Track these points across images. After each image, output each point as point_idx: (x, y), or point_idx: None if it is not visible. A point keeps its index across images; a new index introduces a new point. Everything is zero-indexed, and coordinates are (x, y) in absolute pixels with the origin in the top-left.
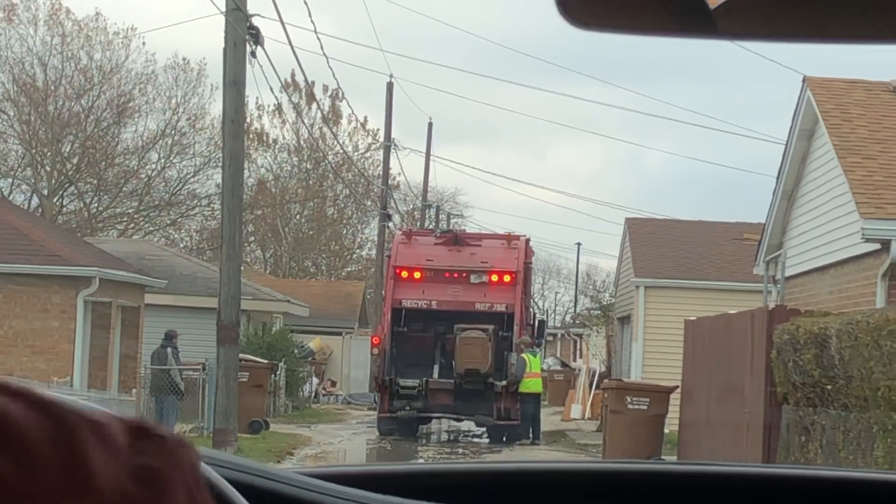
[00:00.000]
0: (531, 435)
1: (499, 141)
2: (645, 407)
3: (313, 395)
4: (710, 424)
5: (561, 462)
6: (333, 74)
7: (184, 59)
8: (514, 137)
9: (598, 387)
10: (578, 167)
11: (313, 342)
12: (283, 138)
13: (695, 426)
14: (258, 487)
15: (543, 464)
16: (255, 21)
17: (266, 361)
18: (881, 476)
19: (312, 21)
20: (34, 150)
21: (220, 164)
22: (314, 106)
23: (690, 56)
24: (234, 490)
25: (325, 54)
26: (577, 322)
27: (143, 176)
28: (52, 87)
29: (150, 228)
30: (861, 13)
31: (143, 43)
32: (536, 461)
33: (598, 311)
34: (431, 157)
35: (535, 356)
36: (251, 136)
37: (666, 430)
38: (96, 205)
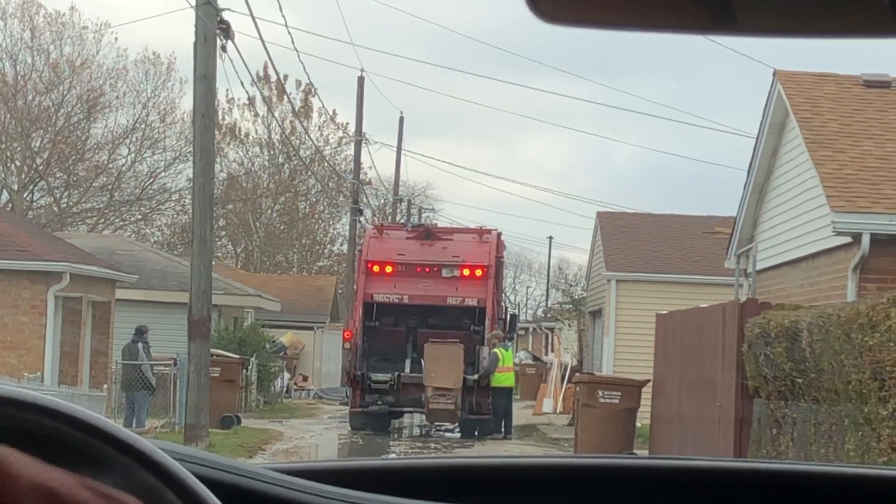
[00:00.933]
0: (503, 429)
1: (469, 135)
2: (616, 401)
3: (285, 390)
4: (682, 418)
5: (532, 457)
6: (304, 68)
7: (154, 53)
8: (484, 131)
9: (569, 381)
10: (548, 161)
11: (285, 337)
12: (255, 132)
13: (666, 420)
14: (227, 483)
15: (515, 459)
16: (226, 15)
17: (237, 356)
18: (853, 470)
19: (283, 15)
20: (3, 145)
21: (190, 158)
22: (285, 100)
23: (656, 49)
24: (202, 486)
25: (295, 48)
26: (549, 316)
27: (113, 171)
28: (22, 82)
29: (121, 223)
30: (880, 7)
31: (116, 38)
32: (508, 456)
33: (570, 305)
34: (402, 152)
35: (506, 350)
36: (223, 129)
37: (638, 424)
38: (66, 200)
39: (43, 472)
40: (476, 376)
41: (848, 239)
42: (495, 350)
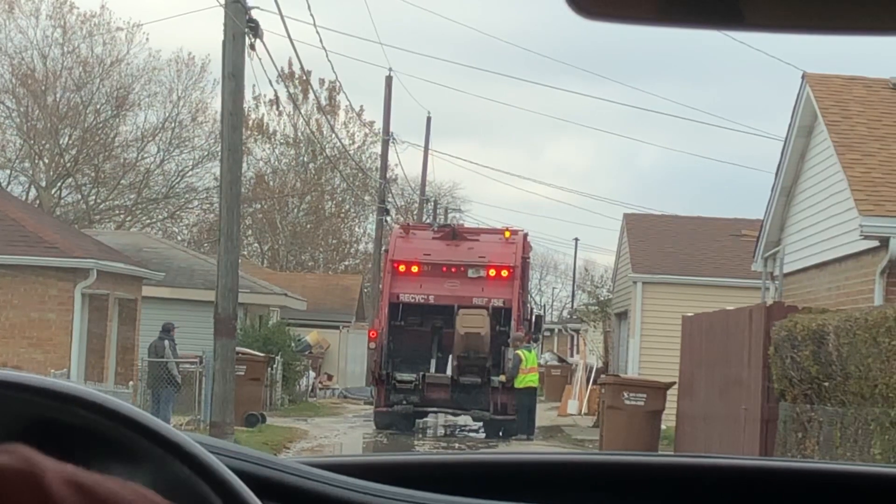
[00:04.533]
0: (527, 430)
1: (495, 136)
2: (642, 403)
3: (310, 388)
4: (707, 420)
5: (558, 454)
6: (332, 67)
7: (189, 53)
8: (511, 132)
9: (594, 382)
10: (574, 163)
11: (310, 336)
12: (282, 129)
13: (692, 422)
14: (259, 476)
15: (540, 455)
16: (255, 14)
17: (263, 355)
18: (879, 470)
19: (311, 14)
20: (32, 142)
21: (218, 157)
22: (312, 97)
23: (681, 52)
24: (236, 478)
25: (323, 47)
26: (575, 317)
27: (141, 168)
28: (52, 79)
29: (148, 221)
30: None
31: (147, 38)
32: (534, 453)
33: (596, 307)
34: (429, 152)
35: (530, 352)
36: (251, 125)
37: (663, 426)
38: (94, 197)
39: (67, 467)
40: (501, 377)
41: (875, 243)
42: (518, 352)
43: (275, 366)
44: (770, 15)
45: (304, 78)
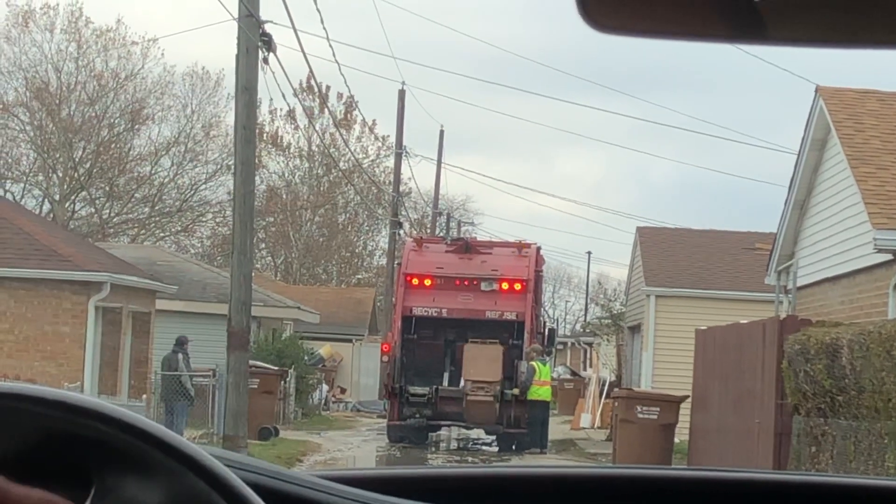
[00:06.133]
0: (539, 443)
1: (507, 149)
2: (655, 416)
3: (323, 402)
4: (721, 434)
5: (572, 467)
6: (345, 81)
7: (203, 68)
8: (522, 146)
9: (607, 396)
10: (585, 176)
11: (323, 349)
12: (296, 144)
13: (705, 436)
14: (274, 490)
15: (554, 469)
16: (268, 27)
17: (276, 368)
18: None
19: (325, 28)
20: (46, 155)
21: (231, 170)
22: (325, 112)
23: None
24: (251, 491)
25: (336, 61)
26: (588, 331)
27: (155, 182)
28: (66, 92)
29: (162, 235)
30: None
31: (162, 53)
32: (548, 466)
33: (609, 320)
34: (442, 165)
35: (544, 364)
36: (264, 138)
37: (676, 440)
38: (108, 210)
39: (34, 492)
40: (515, 390)
41: (889, 256)
42: (532, 363)
43: (288, 379)
44: (795, 29)
45: (320, 92)
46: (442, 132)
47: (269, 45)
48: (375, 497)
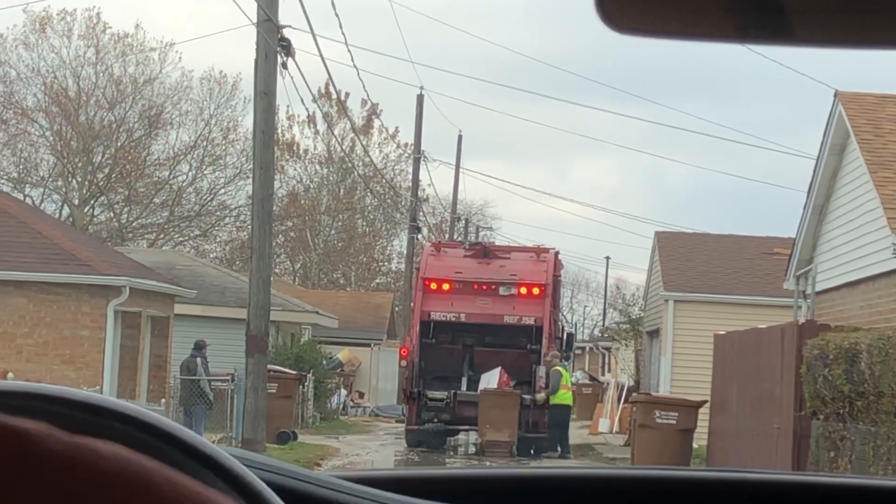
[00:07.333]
0: (559, 447)
1: (524, 154)
2: (673, 421)
3: (341, 406)
4: (740, 439)
5: (592, 468)
6: (364, 86)
7: (220, 72)
8: (540, 150)
9: (626, 401)
10: (603, 181)
11: (342, 353)
12: (315, 149)
13: (724, 441)
14: (291, 489)
15: (572, 469)
16: (286, 32)
17: (294, 372)
18: None
19: (343, 32)
20: (65, 160)
21: (250, 175)
22: (344, 117)
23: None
24: (270, 491)
25: (355, 66)
26: (606, 336)
27: (173, 186)
28: (85, 98)
29: (180, 239)
30: None
31: (180, 58)
32: (567, 466)
33: (627, 325)
34: (461, 170)
35: (565, 369)
36: (282, 145)
37: (694, 445)
38: (126, 215)
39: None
40: (533, 397)
41: None
42: (557, 368)
43: (306, 383)
44: (821, 30)
45: (338, 97)
46: (460, 137)
47: (287, 49)
48: (394, 497)
